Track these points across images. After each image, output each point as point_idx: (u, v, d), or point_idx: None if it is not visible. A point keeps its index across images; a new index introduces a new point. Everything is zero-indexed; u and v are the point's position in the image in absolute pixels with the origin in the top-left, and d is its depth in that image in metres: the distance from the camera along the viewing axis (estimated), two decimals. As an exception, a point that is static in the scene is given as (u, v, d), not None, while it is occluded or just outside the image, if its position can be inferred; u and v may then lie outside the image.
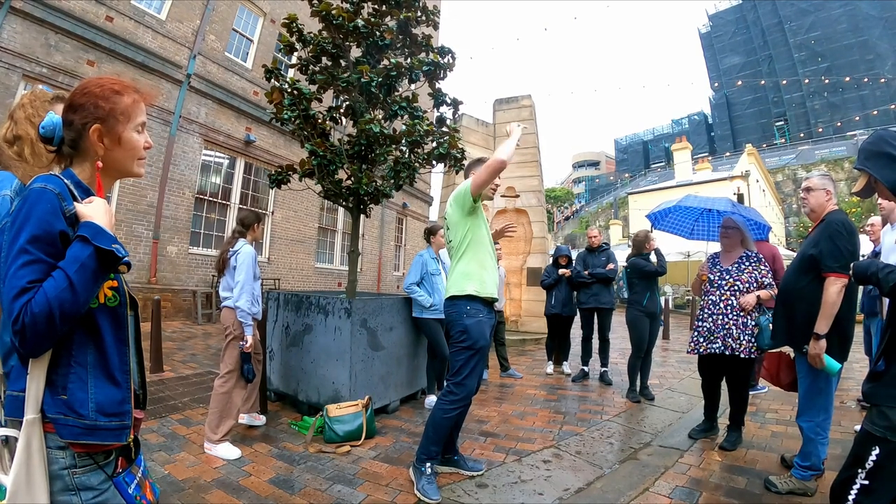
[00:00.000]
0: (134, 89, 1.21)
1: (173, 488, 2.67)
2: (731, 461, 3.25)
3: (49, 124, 1.13)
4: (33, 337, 0.95)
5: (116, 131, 1.16)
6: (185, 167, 10.03)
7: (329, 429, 3.46)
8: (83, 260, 1.00)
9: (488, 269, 2.92)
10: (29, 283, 0.96)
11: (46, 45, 7.72)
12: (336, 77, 4.73)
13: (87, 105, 1.13)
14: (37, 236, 0.99)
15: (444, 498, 2.66)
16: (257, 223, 3.82)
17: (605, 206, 46.33)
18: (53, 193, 1.04)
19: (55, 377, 1.03)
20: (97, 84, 1.16)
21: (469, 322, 2.80)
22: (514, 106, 10.69)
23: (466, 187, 2.86)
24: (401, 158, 4.97)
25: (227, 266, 3.59)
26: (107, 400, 1.08)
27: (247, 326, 3.44)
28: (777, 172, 33.49)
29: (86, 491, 1.04)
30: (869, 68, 35.80)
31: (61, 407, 1.02)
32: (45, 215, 1.01)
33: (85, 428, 1.04)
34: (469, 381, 2.81)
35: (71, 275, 0.97)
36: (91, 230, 1.03)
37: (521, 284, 9.92)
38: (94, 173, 1.16)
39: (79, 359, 1.06)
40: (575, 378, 5.87)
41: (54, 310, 0.94)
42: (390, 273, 18.11)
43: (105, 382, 1.09)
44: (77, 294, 0.98)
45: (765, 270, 3.49)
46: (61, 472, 1.02)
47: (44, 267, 0.99)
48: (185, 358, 6.16)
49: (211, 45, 10.79)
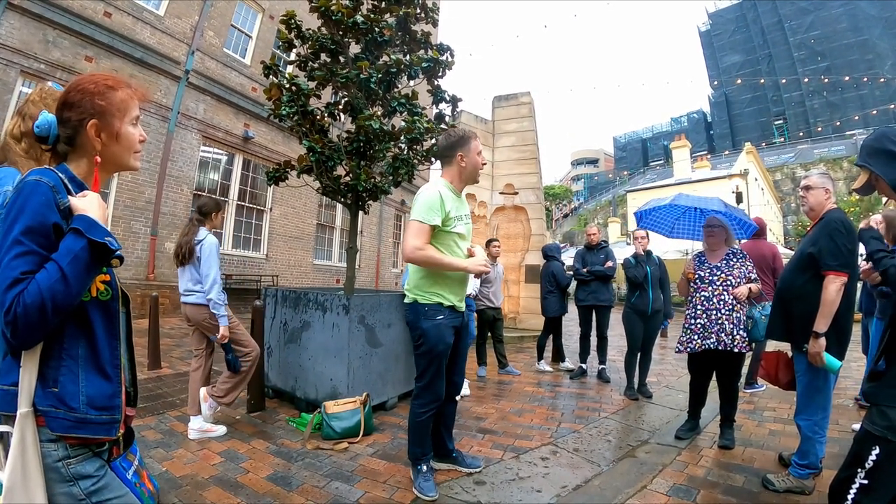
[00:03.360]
0: (127, 84, 1.22)
1: (171, 485, 2.66)
2: (729, 459, 3.25)
3: (44, 123, 1.13)
4: (25, 328, 0.95)
5: (113, 126, 1.17)
6: (183, 163, 10.01)
7: (327, 425, 3.46)
8: (76, 252, 1.00)
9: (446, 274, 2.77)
10: (22, 273, 0.96)
11: (44, 41, 7.69)
12: (335, 73, 4.71)
13: (82, 101, 1.14)
14: (31, 228, 1.00)
15: (442, 495, 2.66)
16: (216, 211, 3.67)
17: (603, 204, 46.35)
18: (48, 186, 1.04)
19: (46, 370, 1.04)
20: (90, 80, 1.17)
21: (426, 325, 2.69)
22: (513, 103, 10.68)
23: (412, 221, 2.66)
24: (399, 155, 4.96)
25: (193, 257, 3.47)
26: (97, 393, 1.09)
27: (221, 318, 3.42)
28: (776, 171, 33.53)
29: (83, 480, 1.05)
30: (868, 68, 35.83)
31: (52, 399, 1.03)
32: (39, 207, 1.02)
33: (75, 421, 1.04)
34: (434, 384, 2.73)
35: (64, 266, 0.98)
36: (85, 223, 1.04)
37: (519, 281, 9.93)
38: (90, 168, 1.18)
39: (70, 352, 1.07)
40: (573, 375, 5.88)
41: (46, 301, 0.95)
42: (388, 270, 18.11)
43: (96, 376, 1.10)
44: (70, 286, 0.98)
45: (750, 266, 3.55)
46: (56, 465, 1.02)
47: (37, 258, 0.99)
48: (183, 354, 6.15)
49: (209, 42, 10.75)
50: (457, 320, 2.80)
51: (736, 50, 47.40)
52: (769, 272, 4.73)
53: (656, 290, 4.92)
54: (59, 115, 1.14)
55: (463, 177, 2.84)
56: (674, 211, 4.45)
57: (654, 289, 4.89)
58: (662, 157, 48.87)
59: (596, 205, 49.17)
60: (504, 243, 9.31)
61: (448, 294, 2.74)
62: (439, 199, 2.63)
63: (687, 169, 29.22)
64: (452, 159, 2.81)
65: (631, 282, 5.00)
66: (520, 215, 10.08)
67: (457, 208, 2.76)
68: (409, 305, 2.78)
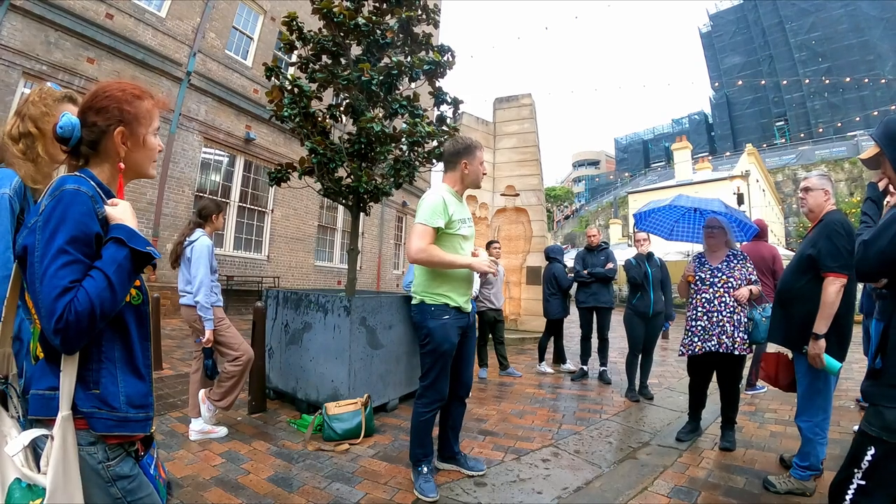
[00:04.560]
0: (151, 95, 1.26)
1: (172, 486, 2.67)
2: (730, 461, 3.25)
3: (67, 125, 1.14)
4: (76, 334, 0.98)
5: (139, 134, 1.21)
6: (184, 165, 10.03)
7: (328, 427, 3.46)
8: (120, 261, 1.05)
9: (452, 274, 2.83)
10: (71, 282, 0.99)
11: (46, 42, 7.72)
12: (336, 75, 4.73)
13: (110, 108, 1.16)
14: (75, 237, 1.02)
15: (443, 496, 2.66)
16: (217, 213, 3.67)
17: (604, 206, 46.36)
18: (87, 196, 1.07)
19: (86, 373, 1.07)
20: (118, 87, 1.19)
21: (433, 324, 2.74)
22: (514, 105, 10.68)
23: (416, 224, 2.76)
24: (401, 157, 4.97)
25: (182, 258, 3.49)
26: (135, 392, 1.13)
27: (206, 321, 3.40)
28: (777, 172, 33.53)
29: (121, 480, 1.09)
30: (869, 69, 35.80)
31: (94, 401, 1.07)
32: (81, 217, 1.04)
33: (118, 420, 1.09)
34: (438, 383, 2.77)
35: (110, 275, 1.02)
36: (125, 232, 1.08)
37: (520, 283, 9.92)
38: (113, 174, 1.20)
39: (108, 354, 1.11)
40: (574, 377, 5.88)
41: (96, 308, 0.98)
42: (390, 271, 18.12)
43: (132, 376, 1.14)
44: (115, 293, 1.03)
45: (751, 268, 3.54)
46: (97, 467, 1.06)
47: (82, 267, 1.02)
48: (184, 356, 6.16)
49: (211, 43, 10.78)
50: (463, 321, 2.84)
51: (737, 51, 47.40)
52: (769, 274, 4.72)
53: (657, 292, 4.92)
54: (84, 119, 1.15)
55: (465, 183, 2.94)
56: (673, 213, 4.45)
57: (654, 290, 4.89)
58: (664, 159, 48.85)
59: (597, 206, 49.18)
60: (505, 245, 9.32)
61: (454, 294, 2.78)
62: (443, 204, 2.72)
63: (688, 170, 29.21)
64: (456, 166, 2.90)
65: (632, 283, 5.01)
66: (521, 217, 10.08)
67: (460, 212, 2.85)
68: (416, 306, 2.84)
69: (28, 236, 1.04)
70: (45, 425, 1.04)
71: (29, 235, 1.04)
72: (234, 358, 3.57)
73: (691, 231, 4.46)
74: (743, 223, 3.99)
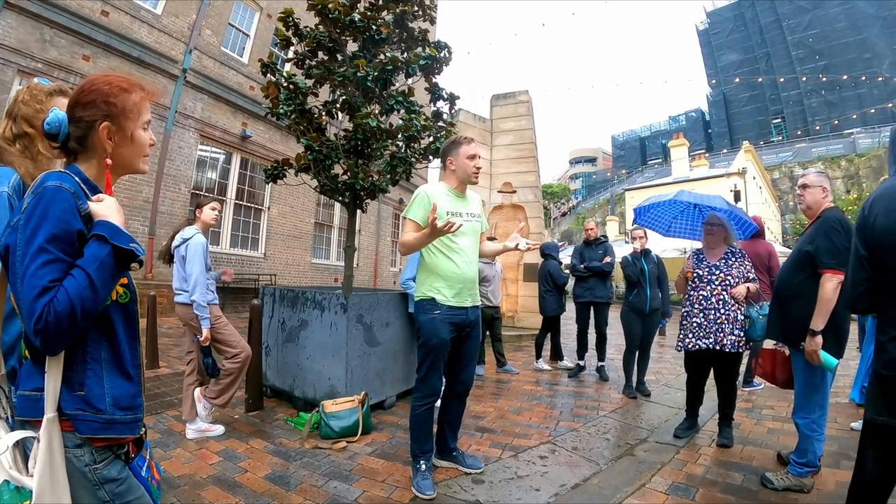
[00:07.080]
0: (140, 87, 1.21)
1: (169, 485, 2.65)
2: (728, 457, 3.26)
3: (55, 121, 1.12)
4: (56, 335, 0.95)
5: (126, 128, 1.17)
6: (180, 162, 9.99)
7: (325, 425, 3.45)
8: (102, 258, 1.01)
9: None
10: (50, 282, 0.96)
11: (42, 40, 7.66)
12: (332, 71, 4.70)
13: (96, 102, 1.13)
14: (56, 235, 0.99)
15: (441, 493, 2.66)
16: (198, 208, 3.66)
17: (601, 203, 46.33)
18: (69, 192, 1.04)
19: (71, 374, 1.04)
20: (105, 81, 1.16)
21: (423, 318, 2.79)
22: (511, 101, 10.67)
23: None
24: (397, 153, 4.95)
25: (177, 256, 3.48)
26: (122, 394, 1.11)
27: (203, 320, 3.39)
28: (774, 170, 33.55)
29: (108, 483, 1.07)
30: (867, 67, 35.82)
31: (80, 403, 1.04)
32: (62, 214, 1.01)
33: (103, 422, 1.06)
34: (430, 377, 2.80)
35: (91, 273, 0.99)
36: (108, 229, 1.04)
37: (517, 280, 9.93)
38: (101, 169, 1.17)
39: (94, 355, 1.08)
40: (571, 374, 5.88)
41: (76, 308, 0.96)
42: (387, 268, 18.10)
43: (119, 377, 1.11)
44: (97, 292, 1.00)
45: (749, 266, 3.53)
46: (84, 470, 1.04)
47: (63, 266, 0.99)
48: (181, 354, 6.13)
49: (207, 40, 10.72)
50: (457, 317, 2.81)
51: (734, 49, 47.35)
52: (764, 271, 4.72)
53: (654, 289, 4.92)
54: (71, 114, 1.13)
55: (457, 179, 2.96)
56: (673, 209, 4.44)
57: (651, 287, 4.89)
58: (661, 156, 48.83)
59: (594, 203, 49.13)
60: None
61: (442, 289, 2.78)
62: (424, 197, 2.78)
63: (685, 167, 29.21)
64: (445, 164, 2.98)
65: (629, 280, 5.01)
66: (518, 214, 10.07)
67: (455, 207, 2.86)
68: (414, 301, 2.93)
69: (10, 235, 1.01)
70: (32, 427, 1.02)
71: (11, 234, 1.01)
72: (233, 355, 3.55)
73: (689, 228, 4.45)
74: (743, 221, 3.99)
